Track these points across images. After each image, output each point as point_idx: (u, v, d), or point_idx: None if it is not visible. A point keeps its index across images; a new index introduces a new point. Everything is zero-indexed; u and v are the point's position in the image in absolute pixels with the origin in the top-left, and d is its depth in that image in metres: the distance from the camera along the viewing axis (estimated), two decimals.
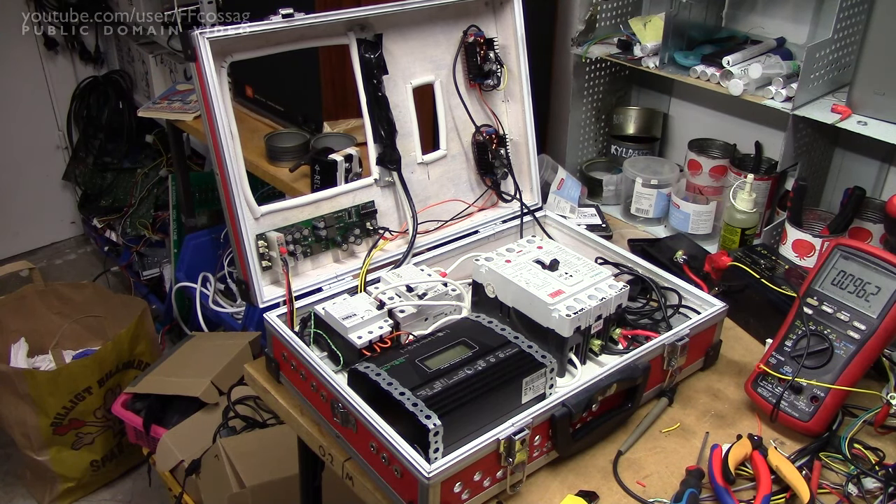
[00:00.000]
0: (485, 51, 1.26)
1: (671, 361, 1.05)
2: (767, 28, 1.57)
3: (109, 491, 2.22)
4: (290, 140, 1.82)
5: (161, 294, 2.78)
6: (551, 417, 0.92)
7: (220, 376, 1.87)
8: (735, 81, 1.40)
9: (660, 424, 1.04)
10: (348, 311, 1.06)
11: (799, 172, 1.43)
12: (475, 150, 1.32)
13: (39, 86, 3.08)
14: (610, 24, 1.71)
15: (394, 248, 1.24)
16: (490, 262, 1.13)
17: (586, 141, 1.83)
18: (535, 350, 0.98)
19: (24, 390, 1.95)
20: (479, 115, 1.31)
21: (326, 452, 1.01)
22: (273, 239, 1.10)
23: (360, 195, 1.22)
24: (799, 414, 1.01)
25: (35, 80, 3.07)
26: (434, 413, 0.86)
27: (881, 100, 1.28)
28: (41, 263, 3.17)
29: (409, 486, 0.85)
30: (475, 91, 1.30)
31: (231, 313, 2.32)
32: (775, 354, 1.06)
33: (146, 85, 2.84)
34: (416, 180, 1.26)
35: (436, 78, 1.26)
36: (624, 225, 1.63)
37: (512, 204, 1.35)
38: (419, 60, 1.24)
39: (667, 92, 1.81)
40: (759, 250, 1.35)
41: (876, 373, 1.08)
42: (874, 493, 0.93)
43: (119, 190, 3.03)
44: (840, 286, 1.04)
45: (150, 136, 2.99)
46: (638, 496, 0.92)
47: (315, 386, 0.99)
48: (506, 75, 1.29)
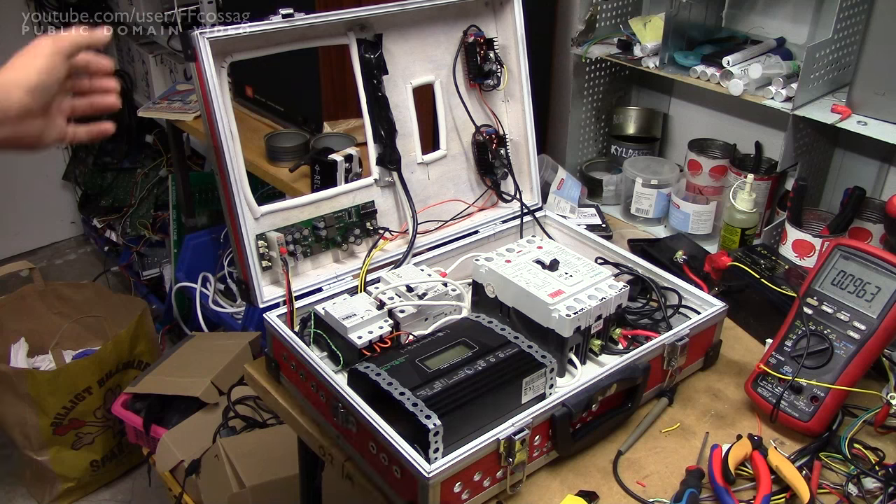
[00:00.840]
0: (485, 51, 1.26)
1: (671, 361, 1.05)
2: (767, 28, 1.57)
3: (109, 491, 2.22)
4: (290, 140, 1.82)
5: (161, 294, 2.78)
6: (551, 417, 0.92)
7: (220, 376, 1.86)
8: (735, 81, 1.39)
9: (660, 424, 1.04)
10: (348, 311, 1.06)
11: (799, 172, 1.43)
12: (475, 150, 1.32)
13: None
14: (610, 24, 1.71)
15: (394, 248, 1.24)
16: (490, 262, 1.13)
17: (586, 141, 1.83)
18: (535, 350, 0.98)
19: (24, 390, 1.95)
20: (479, 115, 1.31)
21: (326, 452, 1.01)
22: (273, 239, 1.10)
23: (360, 195, 1.22)
24: (799, 414, 1.01)
25: None
26: (434, 413, 0.86)
27: (881, 100, 1.28)
28: (41, 263, 3.17)
29: (409, 486, 0.85)
30: (475, 91, 1.30)
31: (231, 313, 2.32)
32: (775, 354, 1.06)
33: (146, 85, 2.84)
34: (416, 180, 1.26)
35: (436, 78, 1.26)
36: (624, 225, 1.63)
37: (512, 204, 1.35)
38: (419, 60, 1.24)
39: (667, 92, 1.81)
40: (759, 250, 1.35)
41: (876, 373, 1.08)
42: (874, 493, 0.93)
43: (119, 190, 3.02)
44: (840, 286, 1.04)
45: (150, 136, 2.98)
46: (638, 496, 0.92)
47: (315, 386, 0.99)
48: (506, 75, 1.29)
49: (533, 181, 1.36)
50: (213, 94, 0.99)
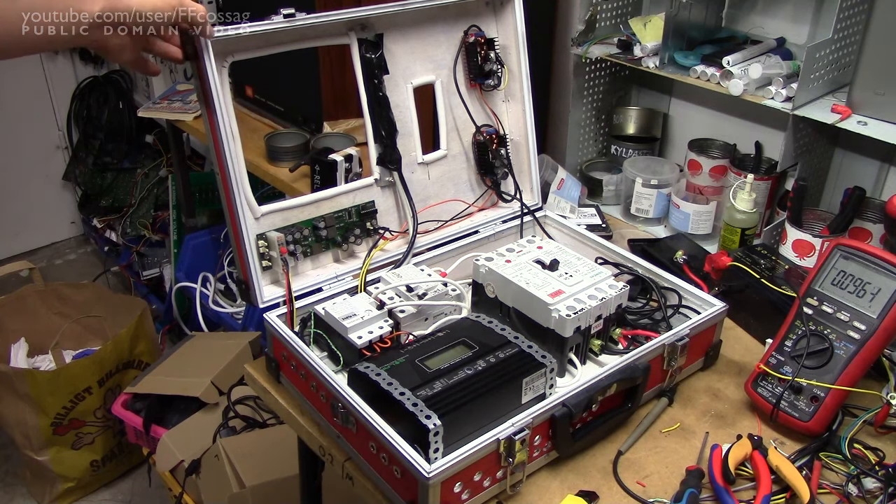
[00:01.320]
0: (485, 51, 1.26)
1: (671, 361, 1.05)
2: (767, 28, 1.57)
3: (109, 491, 2.22)
4: (290, 140, 1.82)
5: (161, 294, 2.78)
6: (551, 417, 0.92)
7: (220, 376, 1.87)
8: (735, 81, 1.40)
9: (660, 424, 1.04)
10: (348, 311, 1.06)
11: (799, 172, 1.43)
12: (475, 150, 1.32)
13: (39, 86, 3.08)
14: (610, 24, 1.71)
15: (394, 248, 1.24)
16: (490, 262, 1.13)
17: (586, 141, 1.83)
18: (535, 350, 0.98)
19: (24, 390, 1.95)
20: (480, 114, 1.31)
21: (326, 452, 1.01)
22: (273, 239, 1.10)
23: (360, 195, 1.21)
24: (799, 414, 1.01)
25: (35, 80, 3.07)
26: (434, 413, 0.86)
27: (881, 100, 1.28)
28: (41, 263, 3.17)
29: (409, 486, 0.85)
30: (475, 91, 1.30)
31: (231, 313, 2.32)
32: (775, 354, 1.06)
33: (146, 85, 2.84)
34: (416, 180, 1.26)
35: (436, 78, 1.26)
36: (624, 225, 1.63)
37: (512, 204, 1.35)
38: (420, 60, 1.23)
39: (667, 92, 1.81)
40: (759, 250, 1.35)
41: (876, 373, 1.08)
42: (874, 493, 0.93)
43: (119, 190, 3.03)
44: (840, 286, 1.04)
45: (150, 136, 2.99)
46: (638, 496, 0.92)
47: (315, 386, 0.99)
48: (506, 75, 1.29)
49: (533, 181, 1.36)
50: (214, 94, 0.99)
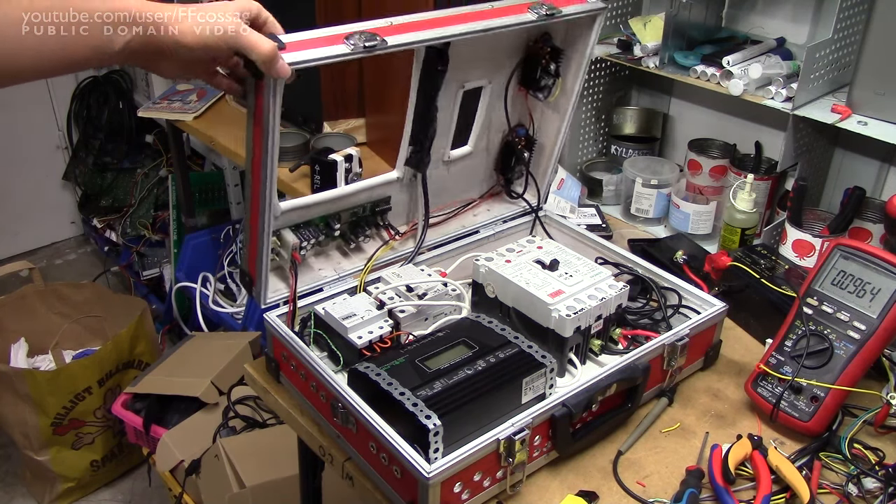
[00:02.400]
0: (547, 62, 1.19)
1: (671, 361, 1.05)
2: (767, 28, 1.57)
3: (109, 491, 2.22)
4: (290, 140, 1.82)
5: (161, 294, 2.78)
6: (551, 417, 0.92)
7: (220, 376, 1.87)
8: (735, 81, 1.39)
9: (660, 424, 1.04)
10: (348, 311, 1.06)
11: (799, 172, 1.43)
12: (501, 149, 1.31)
13: (39, 86, 3.08)
14: (610, 24, 1.70)
15: (399, 247, 1.23)
16: (490, 262, 1.13)
17: (586, 141, 1.83)
18: (535, 350, 0.98)
19: (24, 390, 1.95)
20: (515, 115, 1.28)
21: (326, 452, 1.01)
22: (288, 241, 1.08)
23: (378, 191, 1.18)
24: (799, 414, 1.01)
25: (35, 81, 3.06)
26: (434, 413, 0.86)
27: (881, 100, 1.28)
28: (41, 263, 3.17)
29: (409, 486, 0.85)
30: (521, 95, 1.26)
31: (231, 313, 2.32)
32: (775, 354, 1.06)
33: (146, 85, 2.84)
34: (435, 175, 1.23)
35: (489, 82, 1.20)
36: (624, 225, 1.63)
37: (517, 201, 1.35)
38: (479, 63, 1.16)
39: (667, 92, 1.81)
40: (759, 250, 1.35)
41: (876, 373, 1.08)
42: (874, 493, 0.93)
43: (119, 190, 3.03)
44: (840, 286, 1.04)
45: (150, 136, 2.99)
46: (638, 496, 0.92)
47: (315, 386, 0.99)
48: (558, 89, 1.22)
49: (545, 185, 1.35)
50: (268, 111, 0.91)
